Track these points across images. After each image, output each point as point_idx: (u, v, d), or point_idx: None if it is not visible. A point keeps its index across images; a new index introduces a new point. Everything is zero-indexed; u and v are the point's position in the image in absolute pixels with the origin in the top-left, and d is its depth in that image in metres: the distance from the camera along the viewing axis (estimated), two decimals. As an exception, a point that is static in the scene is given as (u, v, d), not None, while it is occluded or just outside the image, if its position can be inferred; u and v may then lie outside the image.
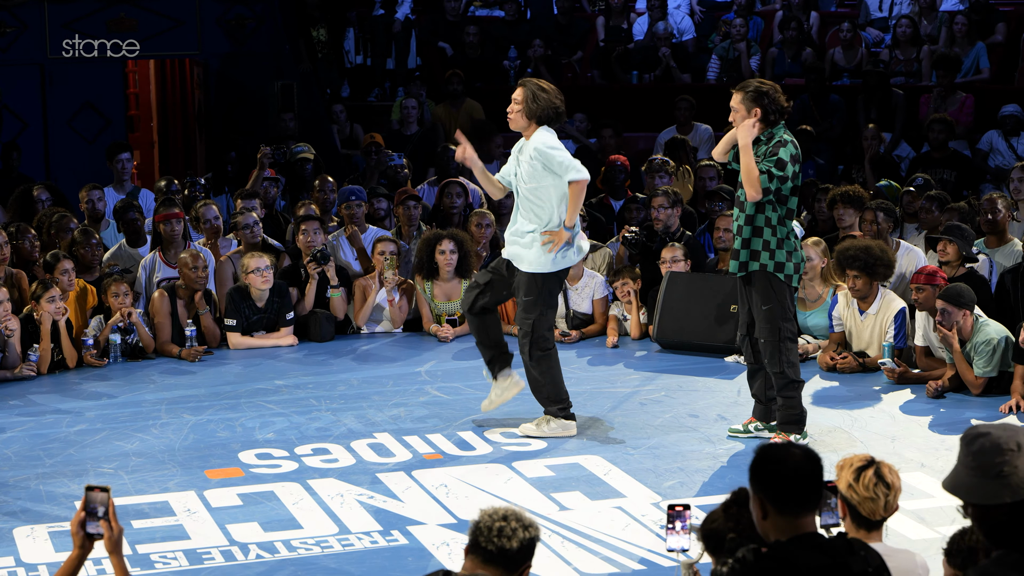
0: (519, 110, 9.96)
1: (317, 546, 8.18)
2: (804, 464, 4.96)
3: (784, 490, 4.92)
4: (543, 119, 9.94)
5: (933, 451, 9.74)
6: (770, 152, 9.63)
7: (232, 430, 10.46)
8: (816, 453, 5.04)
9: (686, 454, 9.78)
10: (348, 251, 13.95)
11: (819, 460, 5.03)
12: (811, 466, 4.98)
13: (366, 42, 19.61)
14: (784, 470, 4.93)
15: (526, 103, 9.93)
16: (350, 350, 12.94)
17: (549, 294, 10.11)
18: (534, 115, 9.93)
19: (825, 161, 17.08)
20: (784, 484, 4.92)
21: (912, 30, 18.67)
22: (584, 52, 19.85)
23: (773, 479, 4.95)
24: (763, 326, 9.83)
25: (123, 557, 5.34)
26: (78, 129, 17.67)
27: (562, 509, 8.70)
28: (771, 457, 4.99)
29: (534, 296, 10.02)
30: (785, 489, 4.92)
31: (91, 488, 5.31)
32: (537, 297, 10.01)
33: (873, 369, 11.70)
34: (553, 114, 9.93)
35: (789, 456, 4.96)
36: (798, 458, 4.97)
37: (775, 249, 9.71)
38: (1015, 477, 4.66)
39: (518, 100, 9.96)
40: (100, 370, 12.23)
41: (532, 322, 10.01)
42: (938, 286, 11.13)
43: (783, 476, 4.93)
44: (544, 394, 10.17)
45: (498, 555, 5.07)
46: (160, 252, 13.32)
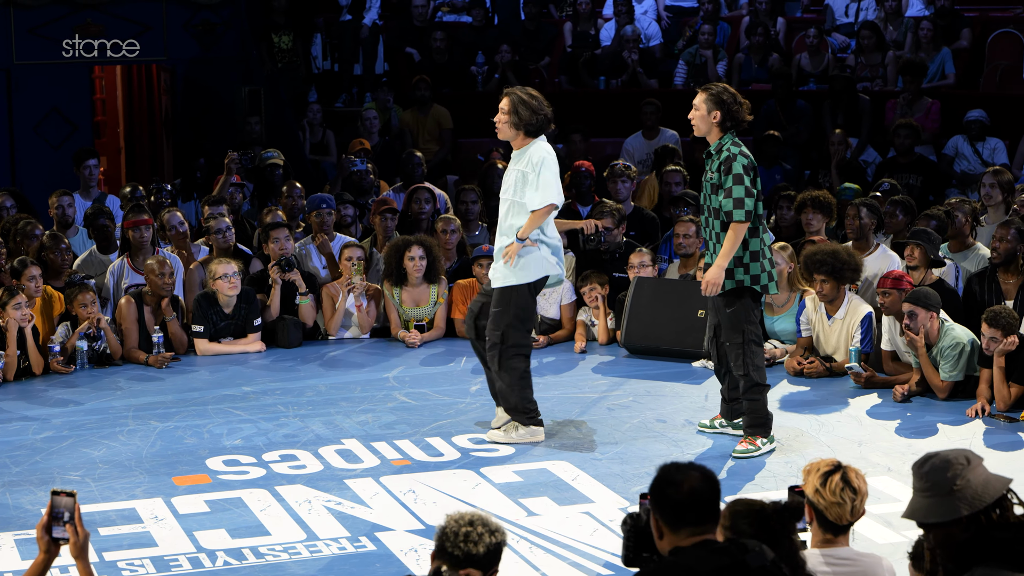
0: (506, 120, 9.93)
1: (285, 553, 8.18)
2: (700, 486, 4.99)
3: (678, 513, 4.96)
4: (531, 129, 9.90)
5: (899, 455, 9.78)
6: (725, 170, 9.70)
7: (200, 437, 10.43)
8: (714, 474, 5.06)
9: (654, 459, 9.77)
10: (317, 258, 13.93)
11: (716, 482, 5.04)
12: (708, 488, 5.00)
13: (333, 48, 19.58)
14: (678, 494, 4.96)
15: (512, 113, 9.89)
16: (318, 356, 12.92)
17: (519, 308, 10.03)
18: (521, 125, 9.89)
19: (792, 166, 17.13)
20: (678, 507, 4.96)
21: (878, 36, 18.74)
22: (551, 58, 19.87)
23: (668, 502, 4.99)
24: (728, 330, 9.88)
25: (89, 562, 5.33)
26: (44, 135, 17.60)
27: (530, 514, 8.71)
28: (667, 480, 5.02)
29: (502, 308, 10.00)
30: (679, 511, 4.96)
31: (57, 492, 5.29)
32: (504, 309, 9.98)
33: (840, 373, 11.73)
34: (542, 123, 9.90)
35: (686, 479, 4.98)
36: (695, 480, 4.98)
37: (748, 263, 9.80)
38: (968, 490, 4.70)
39: (504, 110, 9.95)
40: (67, 377, 12.18)
41: (501, 334, 9.98)
42: (904, 290, 11.18)
43: (677, 500, 4.96)
44: (511, 403, 10.15)
45: (464, 560, 5.09)
46: (128, 258, 13.28)
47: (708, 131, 9.89)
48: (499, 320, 10.00)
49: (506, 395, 10.16)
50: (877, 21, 19.11)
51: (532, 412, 10.14)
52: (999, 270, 11.93)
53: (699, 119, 9.91)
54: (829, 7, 20.05)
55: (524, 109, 9.86)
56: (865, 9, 19.70)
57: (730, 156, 9.71)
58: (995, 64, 18.58)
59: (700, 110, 9.88)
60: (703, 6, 19.70)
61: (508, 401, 10.18)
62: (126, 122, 20.18)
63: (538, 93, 10.04)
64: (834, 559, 5.83)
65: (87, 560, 5.32)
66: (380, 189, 16.11)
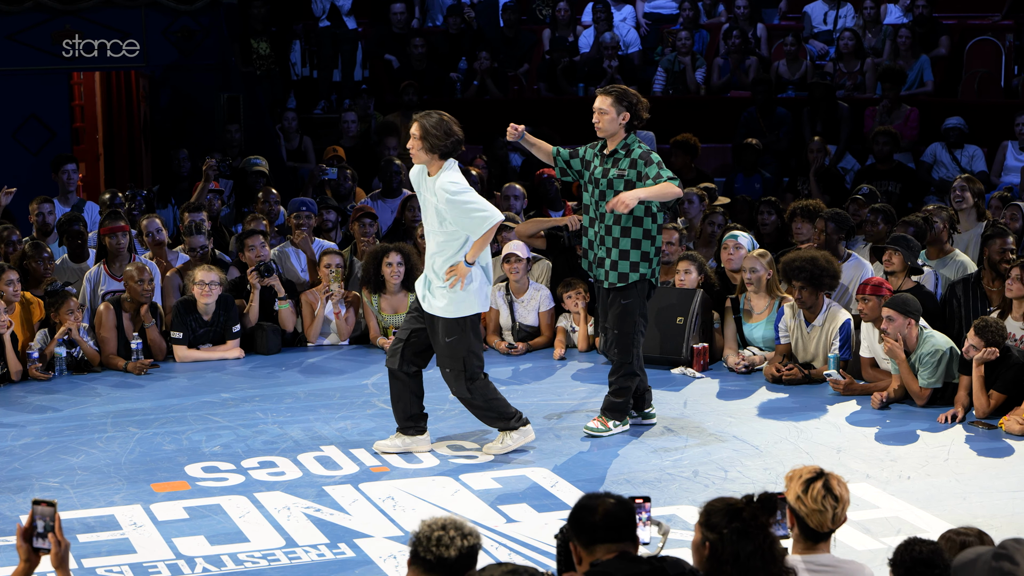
0: (420, 147, 9.78)
1: (264, 559, 8.16)
2: (614, 509, 5.32)
3: (594, 533, 5.29)
4: (445, 152, 9.78)
5: (878, 462, 9.80)
6: (644, 163, 10.14)
7: (178, 443, 10.41)
8: (629, 500, 5.39)
9: (632, 465, 9.80)
10: (296, 260, 13.91)
11: (631, 506, 5.37)
12: (622, 510, 5.33)
13: (312, 54, 19.57)
14: (593, 517, 5.30)
15: (423, 139, 9.75)
16: (297, 362, 12.90)
17: (474, 332, 9.95)
18: (436, 149, 9.77)
19: (771, 174, 17.17)
20: (594, 528, 5.29)
21: (856, 43, 18.80)
22: (530, 64, 19.88)
23: (584, 525, 5.32)
24: (620, 320, 10.35)
25: (69, 571, 5.32)
26: (23, 141, 17.55)
27: (509, 521, 8.71)
28: (583, 506, 5.37)
29: (458, 336, 9.88)
30: (595, 532, 5.29)
31: (38, 502, 5.28)
32: (461, 337, 9.87)
33: (819, 380, 11.76)
34: (454, 145, 9.79)
35: (600, 503, 5.32)
36: (609, 505, 5.33)
37: (653, 258, 10.34)
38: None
39: (416, 135, 9.76)
40: (45, 383, 12.15)
41: (462, 361, 9.89)
42: (883, 297, 11.20)
43: (592, 522, 5.30)
44: (492, 418, 10.13)
45: (437, 564, 5.13)
46: (105, 265, 13.25)
47: (615, 132, 10.29)
48: (457, 348, 9.88)
49: (488, 410, 10.08)
50: (856, 28, 19.15)
51: (515, 415, 10.12)
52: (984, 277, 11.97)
53: (607, 121, 10.28)
54: (807, 14, 20.09)
55: (436, 131, 9.76)
56: (843, 16, 19.75)
57: (644, 151, 10.22)
58: (973, 72, 18.66)
59: (608, 113, 10.26)
60: (682, 13, 19.73)
61: (488, 417, 10.11)
62: (105, 128, 20.13)
63: (449, 116, 9.88)
64: (815, 566, 5.83)
65: (67, 569, 5.32)
66: (357, 196, 16.11)
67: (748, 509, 5.38)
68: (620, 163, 10.24)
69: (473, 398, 10.02)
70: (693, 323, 12.45)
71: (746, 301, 12.42)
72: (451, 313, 9.82)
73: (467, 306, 9.84)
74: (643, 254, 10.27)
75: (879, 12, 19.41)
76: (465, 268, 9.73)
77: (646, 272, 10.31)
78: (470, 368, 9.92)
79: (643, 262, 10.28)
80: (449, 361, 9.93)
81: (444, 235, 9.79)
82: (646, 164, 10.16)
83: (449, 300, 9.80)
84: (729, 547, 5.29)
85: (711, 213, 14.30)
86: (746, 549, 5.27)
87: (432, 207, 9.81)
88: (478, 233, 9.71)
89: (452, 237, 9.77)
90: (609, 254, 10.29)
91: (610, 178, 10.25)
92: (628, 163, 10.21)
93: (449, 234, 9.76)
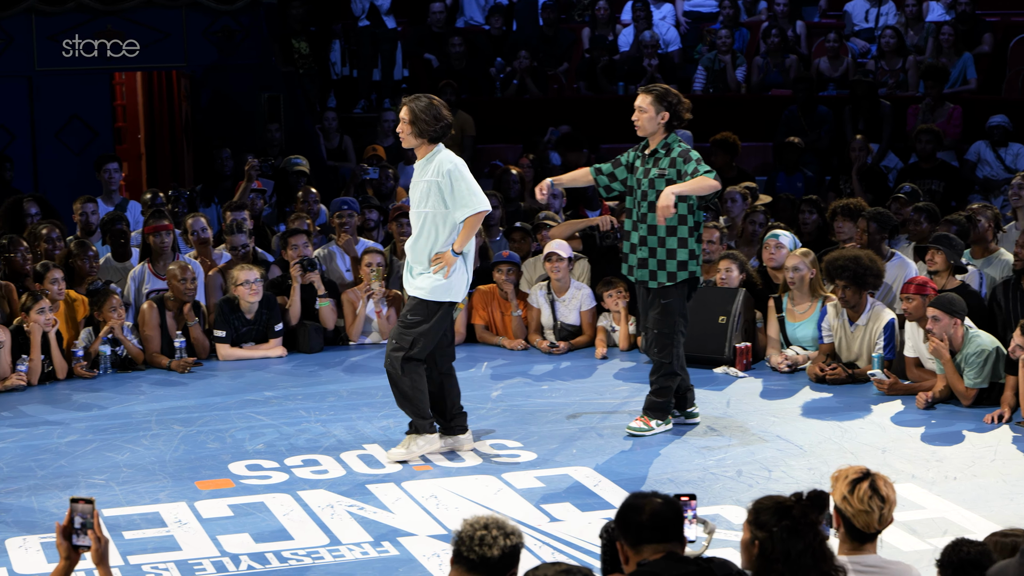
0: (408, 131, 9.75)
1: (308, 557, 8.18)
2: (662, 509, 5.30)
3: (641, 533, 5.28)
4: (435, 136, 9.76)
5: (924, 462, 9.75)
6: (683, 160, 10.17)
7: (222, 441, 10.45)
8: (676, 500, 5.38)
9: (676, 465, 9.79)
10: (341, 260, 13.94)
11: (678, 506, 5.35)
12: (670, 510, 5.31)
13: (352, 54, 19.60)
14: (641, 516, 5.29)
15: (412, 123, 9.71)
16: (339, 361, 12.93)
17: (439, 323, 9.88)
18: (425, 133, 9.73)
19: (813, 173, 17.11)
20: (641, 528, 5.27)
21: (898, 41, 18.72)
22: (570, 63, 19.86)
23: (631, 525, 5.30)
24: (660, 320, 10.34)
25: (110, 568, 5.35)
26: (66, 141, 17.63)
27: (552, 520, 8.71)
28: (630, 506, 5.35)
29: (422, 318, 9.81)
30: (642, 532, 5.28)
31: (76, 500, 5.31)
32: (425, 320, 9.80)
33: (863, 380, 11.71)
34: (443, 129, 9.75)
35: (647, 503, 5.30)
36: (656, 504, 5.31)
37: (699, 256, 10.37)
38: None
39: (405, 119, 9.74)
40: (90, 381, 12.21)
41: (411, 340, 9.79)
42: (928, 296, 11.14)
43: (640, 522, 5.28)
44: (413, 408, 9.95)
45: (480, 563, 5.14)
46: (149, 264, 13.31)
47: (654, 131, 10.31)
48: (413, 327, 9.81)
49: (410, 397, 9.90)
50: (898, 26, 19.08)
51: (430, 418, 9.99)
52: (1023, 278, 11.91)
53: (646, 120, 10.30)
54: (848, 12, 20.02)
55: (424, 116, 9.75)
56: (885, 14, 19.68)
57: (683, 150, 10.23)
58: (1017, 69, 18.54)
59: (647, 112, 10.28)
60: (722, 11, 19.69)
61: (411, 404, 9.93)
62: (147, 128, 20.22)
63: (438, 99, 9.86)
64: (862, 567, 5.81)
65: (108, 566, 5.34)
66: (398, 195, 16.12)
67: (798, 507, 5.37)
68: (660, 162, 10.24)
69: (401, 378, 9.85)
70: (735, 322, 12.42)
71: (789, 300, 12.39)
72: (427, 295, 9.80)
73: (444, 293, 9.80)
74: (690, 252, 10.27)
75: (921, 9, 19.33)
76: (452, 257, 9.72)
77: (695, 270, 10.31)
78: (416, 348, 9.80)
79: (691, 260, 10.28)
80: (399, 335, 9.84)
81: (431, 217, 9.75)
82: (684, 161, 10.16)
83: (430, 283, 9.78)
84: (779, 545, 5.27)
85: (752, 212, 14.26)
86: (797, 547, 5.25)
87: (422, 188, 9.79)
88: (462, 216, 9.69)
89: (439, 219, 9.73)
90: (655, 254, 10.28)
91: (651, 178, 10.25)
92: (668, 162, 10.22)
93: (439, 216, 9.73)
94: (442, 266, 9.71)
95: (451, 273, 9.74)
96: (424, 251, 9.81)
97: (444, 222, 9.75)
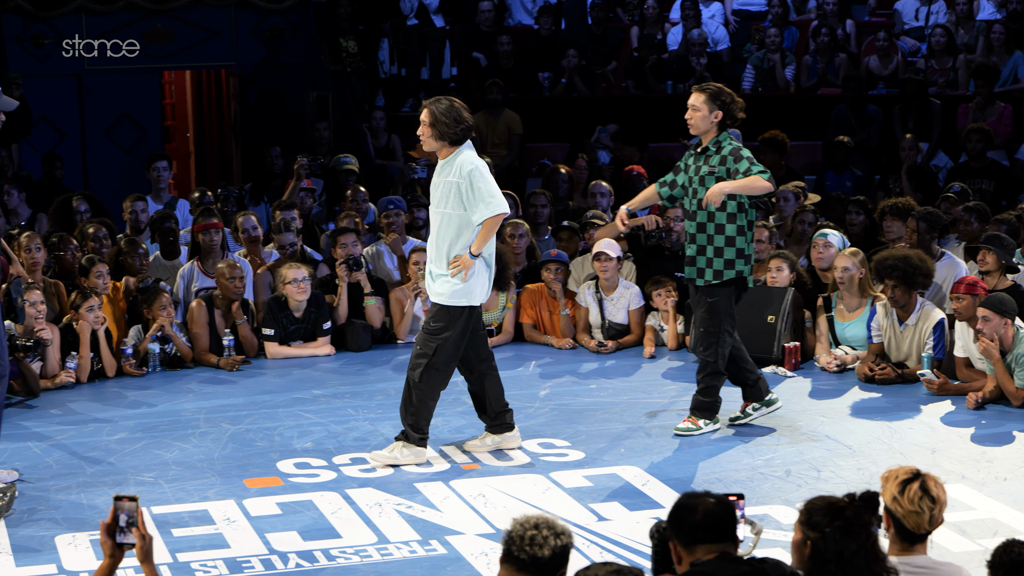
0: (429, 133, 9.72)
1: (356, 555, 8.19)
2: (715, 509, 5.31)
3: (694, 534, 5.29)
4: (455, 138, 9.71)
5: (974, 463, 9.69)
6: (734, 159, 10.15)
7: (270, 439, 10.48)
8: (728, 500, 5.37)
9: (724, 464, 9.76)
10: (389, 259, 13.96)
11: (731, 506, 5.35)
12: (723, 510, 5.32)
13: (400, 52, 19.63)
14: (694, 516, 5.30)
15: (432, 126, 9.68)
16: (387, 359, 12.95)
17: (462, 328, 9.81)
18: (445, 136, 9.71)
19: (862, 172, 17.04)
20: (695, 529, 5.28)
21: (948, 39, 18.63)
22: (618, 62, 19.84)
23: (684, 525, 5.31)
24: (706, 319, 10.30)
25: (155, 566, 5.35)
26: (115, 140, 17.74)
27: (600, 519, 8.69)
28: (683, 506, 5.36)
29: (444, 324, 9.77)
30: (695, 533, 5.29)
31: (119, 498, 5.32)
32: (447, 326, 9.77)
33: (912, 380, 11.65)
34: (464, 132, 9.72)
35: (700, 503, 5.31)
36: (709, 505, 5.32)
37: (748, 254, 10.29)
38: None
39: (425, 122, 9.71)
40: (139, 379, 12.28)
41: (435, 347, 9.76)
42: (978, 296, 11.08)
43: (693, 522, 5.29)
44: (412, 419, 9.87)
45: (531, 563, 5.15)
46: (198, 262, 13.37)
47: (707, 130, 10.28)
48: (436, 334, 9.78)
49: (415, 408, 9.83)
50: (948, 24, 18.98)
51: (424, 435, 9.90)
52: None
53: (699, 119, 10.28)
54: (898, 11, 19.93)
55: (444, 118, 9.71)
56: (935, 12, 19.58)
57: (733, 148, 10.20)
58: (1069, 68, 18.44)
59: (701, 110, 10.25)
60: (771, 10, 19.63)
61: (411, 415, 9.86)
62: (195, 127, 20.32)
63: (460, 102, 9.82)
64: (912, 568, 5.78)
65: (152, 563, 5.35)
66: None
67: (851, 507, 5.34)
68: (711, 160, 10.22)
69: (417, 386, 9.80)
70: (784, 322, 12.38)
71: (838, 300, 12.34)
72: (446, 300, 9.77)
73: (463, 297, 9.76)
74: (738, 251, 10.22)
75: (972, 8, 19.23)
76: (470, 260, 9.68)
77: (743, 269, 10.26)
78: (439, 356, 9.77)
79: (739, 259, 10.23)
80: (424, 342, 9.83)
81: (449, 219, 9.72)
82: (735, 160, 10.13)
83: (449, 288, 9.76)
84: (832, 546, 5.25)
85: (802, 211, 14.21)
86: (849, 548, 5.23)
87: (442, 189, 9.76)
88: (480, 219, 9.66)
89: (459, 221, 9.70)
90: (703, 252, 10.26)
91: (701, 175, 10.23)
92: (718, 160, 10.19)
93: (458, 217, 9.70)
94: (459, 269, 9.67)
95: (469, 276, 9.70)
96: (443, 252, 9.77)
97: (463, 224, 9.71)
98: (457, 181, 9.68)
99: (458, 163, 9.71)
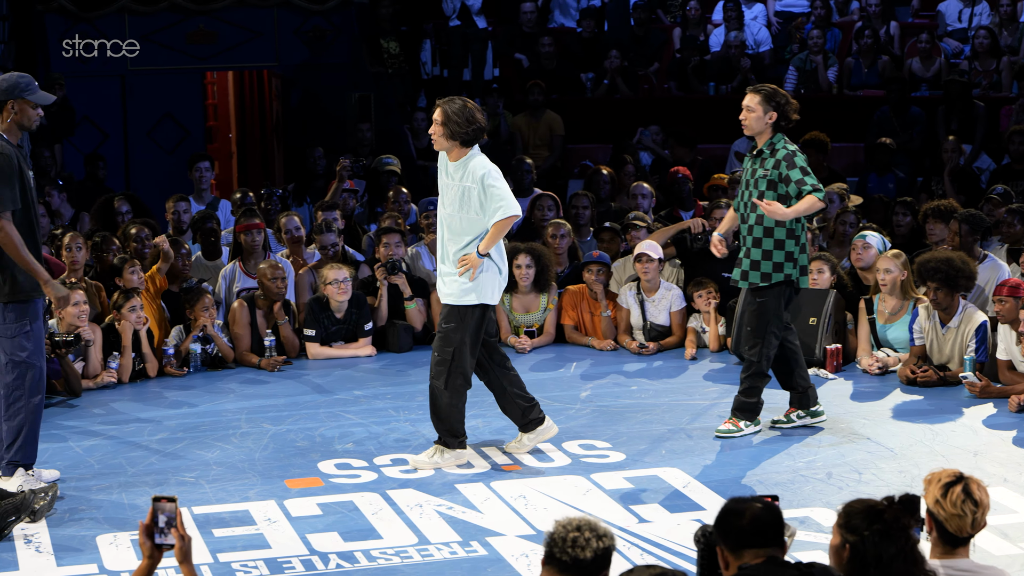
0: (440, 132, 9.68)
1: (397, 556, 8.20)
2: (762, 514, 5.28)
3: (742, 539, 5.27)
4: (467, 139, 9.68)
5: (1016, 466, 9.64)
6: (787, 165, 10.10)
7: (311, 440, 10.50)
8: (775, 505, 5.35)
9: (765, 466, 9.73)
10: (428, 260, 13.97)
11: (778, 511, 5.32)
12: (770, 515, 5.29)
13: (442, 53, 19.65)
14: (741, 522, 5.27)
15: (445, 125, 9.64)
16: (428, 361, 12.86)
17: (475, 328, 9.79)
18: (456, 136, 9.67)
19: (904, 174, 16.97)
20: (742, 534, 5.26)
21: (992, 41, 18.54)
22: (660, 63, 19.82)
23: (731, 530, 5.29)
24: (753, 319, 10.28)
25: (194, 567, 5.36)
26: (158, 140, 17.81)
27: (641, 521, 8.68)
28: (731, 511, 5.33)
29: (456, 324, 9.75)
30: (743, 538, 5.26)
31: (158, 499, 5.32)
32: (459, 326, 9.74)
33: (954, 383, 11.59)
34: (476, 133, 9.67)
35: (748, 508, 5.29)
36: (756, 510, 5.29)
37: (797, 258, 10.22)
38: None
39: (438, 121, 9.67)
40: (180, 379, 12.32)
41: (453, 351, 9.74)
42: (1021, 298, 11.02)
43: (740, 527, 5.27)
44: (446, 426, 9.87)
45: (573, 565, 5.13)
46: (240, 262, 13.40)
47: (761, 131, 10.25)
48: (452, 337, 9.75)
49: (444, 415, 9.82)
50: (991, 26, 18.89)
51: (462, 436, 9.91)
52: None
53: (754, 120, 10.24)
54: (941, 12, 19.84)
55: (457, 118, 9.68)
56: (979, 14, 19.49)
57: (788, 152, 10.14)
58: (1113, 69, 18.32)
59: (755, 111, 10.22)
60: (814, 11, 19.58)
61: (443, 422, 9.85)
62: (238, 127, 20.38)
63: (472, 103, 9.77)
64: (955, 571, 5.75)
65: (192, 564, 5.36)
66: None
67: (890, 510, 5.32)
68: (765, 162, 10.18)
69: (443, 393, 9.80)
70: (826, 324, 12.34)
71: (880, 302, 12.29)
72: (456, 300, 9.76)
73: (474, 295, 9.74)
74: (787, 254, 10.16)
75: (1016, 10, 19.14)
76: (477, 259, 9.66)
77: (791, 273, 10.21)
78: (458, 359, 9.76)
79: (787, 262, 10.18)
80: (440, 348, 9.81)
81: (462, 221, 9.70)
82: (788, 167, 10.07)
83: (458, 288, 9.75)
84: (871, 549, 5.23)
85: (844, 213, 14.16)
86: (889, 551, 5.22)
87: (455, 191, 9.74)
88: (492, 221, 9.64)
89: (472, 224, 9.68)
90: (749, 254, 10.23)
91: (755, 178, 10.20)
92: (772, 163, 10.15)
93: (471, 221, 9.68)
94: (467, 268, 9.66)
95: (478, 275, 9.68)
96: (451, 253, 9.77)
97: (474, 227, 9.69)
98: (471, 186, 9.66)
99: (471, 168, 9.68)
